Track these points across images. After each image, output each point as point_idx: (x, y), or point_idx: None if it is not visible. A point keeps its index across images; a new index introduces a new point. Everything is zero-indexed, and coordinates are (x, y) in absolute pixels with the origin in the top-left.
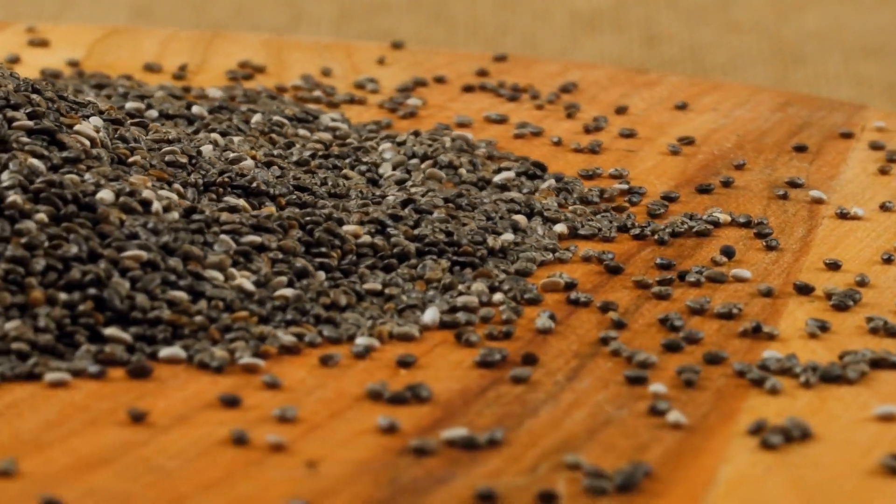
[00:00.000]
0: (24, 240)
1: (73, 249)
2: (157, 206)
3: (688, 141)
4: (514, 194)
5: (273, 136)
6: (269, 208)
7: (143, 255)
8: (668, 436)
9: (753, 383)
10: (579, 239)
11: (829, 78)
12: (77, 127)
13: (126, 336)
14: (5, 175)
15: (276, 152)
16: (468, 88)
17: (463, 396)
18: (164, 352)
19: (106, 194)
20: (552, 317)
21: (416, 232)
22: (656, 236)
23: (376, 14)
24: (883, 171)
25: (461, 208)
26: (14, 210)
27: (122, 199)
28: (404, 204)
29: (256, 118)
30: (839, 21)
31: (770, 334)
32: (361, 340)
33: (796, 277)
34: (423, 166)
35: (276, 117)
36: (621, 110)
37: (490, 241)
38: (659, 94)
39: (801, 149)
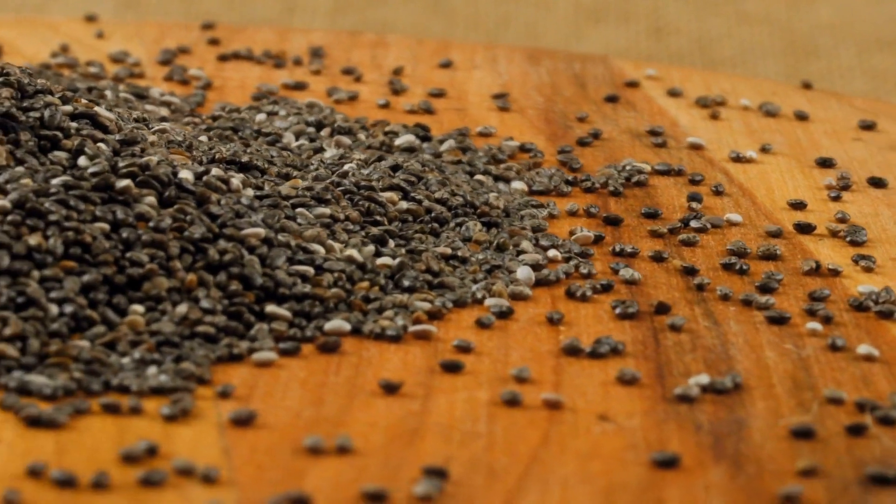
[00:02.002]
0: (151, 224)
1: (199, 231)
2: (236, 183)
3: (504, 96)
4: (426, 156)
5: (139, 112)
6: (296, 181)
7: (262, 232)
8: (873, 367)
9: (881, 315)
10: (535, 195)
11: (843, 71)
12: (96, 109)
13: (286, 313)
14: (83, 160)
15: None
16: (224, 58)
17: (644, 346)
18: (329, 325)
19: (186, 174)
20: (628, 266)
21: (437, 196)
22: (611, 188)
23: (372, 5)
24: (714, 117)
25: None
26: (127, 195)
27: (204, 178)
28: (393, 170)
29: (108, 94)
30: (853, 12)
31: (835, 271)
32: (493, 301)
33: (776, 219)
34: (322, 133)
35: (122, 94)
36: (398, 71)
37: (493, 200)
38: (401, 54)
39: (612, 99)
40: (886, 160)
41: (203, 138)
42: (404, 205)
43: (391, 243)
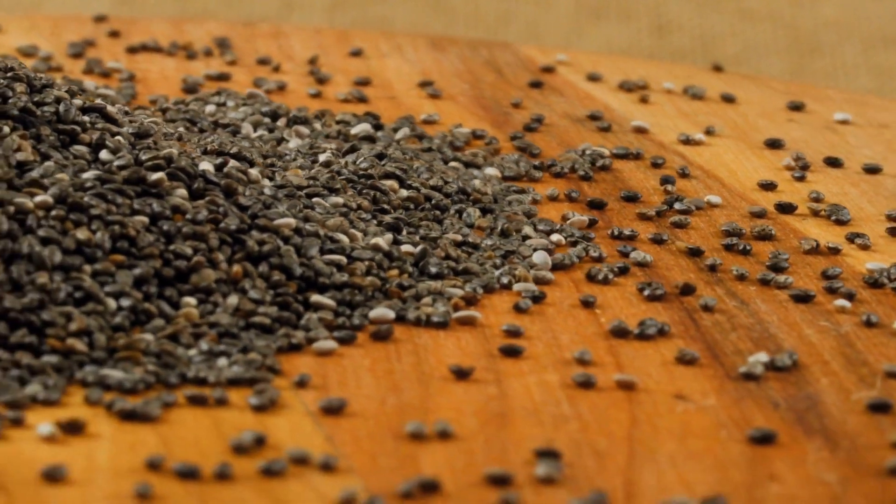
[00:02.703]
0: (188, 216)
1: (234, 222)
2: (255, 174)
3: (430, 84)
4: (394, 145)
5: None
6: (296, 170)
7: (293, 222)
8: None
9: None
10: (507, 181)
11: (848, 69)
12: (103, 102)
13: (331, 302)
14: (105, 154)
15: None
16: (133, 50)
17: (685, 327)
18: (374, 313)
19: (207, 166)
20: (636, 249)
21: (431, 183)
22: (581, 172)
23: (371, 2)
24: (644, 101)
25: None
26: (160, 188)
27: (225, 169)
28: (379, 158)
29: None
30: (857, 9)
31: (836, 249)
32: (522, 286)
33: (751, 199)
34: (279, 123)
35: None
36: (313, 61)
37: (480, 186)
38: (306, 43)
39: (536, 85)
40: (827, 140)
41: (181, 129)
42: (404, 192)
43: (404, 231)
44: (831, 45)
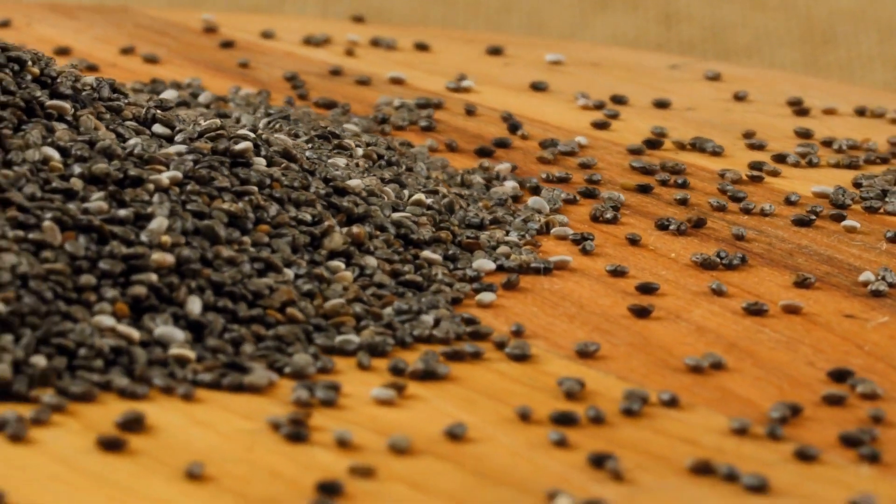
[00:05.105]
0: (285, 183)
1: (322, 188)
2: (284, 138)
3: (131, 48)
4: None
5: None
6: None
7: (361, 183)
8: None
9: (869, 210)
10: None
11: (863, 60)
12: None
13: (438, 257)
14: (159, 128)
15: None
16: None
17: (750, 257)
18: (476, 264)
19: (245, 132)
20: (599, 191)
21: (366, 140)
22: (424, 124)
23: None
24: (350, 54)
25: None
26: (246, 157)
27: (264, 136)
28: (285, 119)
29: None
30: None
31: (758, 178)
32: (561, 231)
33: (604, 139)
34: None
35: None
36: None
37: (392, 141)
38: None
39: (228, 45)
40: (575, 78)
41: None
42: (360, 150)
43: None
44: (846, 35)
